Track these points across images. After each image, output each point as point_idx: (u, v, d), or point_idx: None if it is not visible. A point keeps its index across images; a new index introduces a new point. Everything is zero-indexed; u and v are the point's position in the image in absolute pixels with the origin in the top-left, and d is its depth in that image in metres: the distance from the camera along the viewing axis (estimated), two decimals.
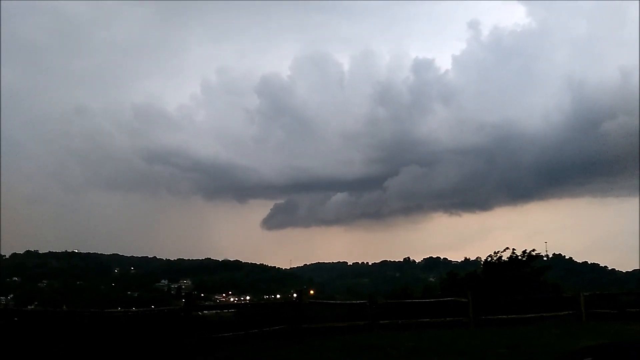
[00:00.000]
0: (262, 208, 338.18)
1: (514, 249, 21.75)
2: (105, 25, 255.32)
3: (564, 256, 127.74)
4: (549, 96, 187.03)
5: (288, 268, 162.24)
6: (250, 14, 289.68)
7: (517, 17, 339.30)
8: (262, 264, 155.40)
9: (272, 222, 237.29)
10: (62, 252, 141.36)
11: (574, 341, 11.83)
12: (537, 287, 20.78)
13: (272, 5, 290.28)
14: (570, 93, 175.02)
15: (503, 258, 21.74)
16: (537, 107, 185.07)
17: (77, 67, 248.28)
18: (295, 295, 15.57)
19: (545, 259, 32.36)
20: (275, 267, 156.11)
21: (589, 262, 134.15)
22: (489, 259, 22.08)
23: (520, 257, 21.50)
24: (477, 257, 26.55)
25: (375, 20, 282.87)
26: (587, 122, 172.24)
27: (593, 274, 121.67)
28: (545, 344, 12.04)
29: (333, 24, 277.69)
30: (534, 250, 21.70)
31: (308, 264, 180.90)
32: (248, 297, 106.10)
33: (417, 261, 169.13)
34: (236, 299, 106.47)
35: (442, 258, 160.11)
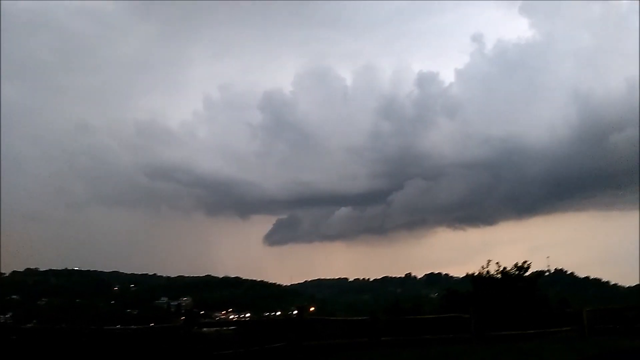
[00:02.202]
0: (264, 224, 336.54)
1: (504, 267, 21.73)
2: (108, 43, 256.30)
3: (566, 271, 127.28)
4: (554, 109, 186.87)
5: (288, 284, 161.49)
6: (251, 30, 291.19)
7: (520, 30, 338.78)
8: (263, 280, 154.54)
9: (274, 237, 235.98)
10: (63, 270, 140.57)
11: (578, 356, 11.72)
12: (539, 302, 20.66)
13: (274, 21, 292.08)
14: (576, 105, 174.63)
15: (491, 273, 21.71)
16: (543, 120, 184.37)
17: (79, 84, 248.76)
18: (295, 312, 15.45)
19: (546, 274, 32.25)
20: (275, 283, 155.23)
21: (591, 277, 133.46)
22: (479, 273, 22.05)
23: (511, 272, 21.45)
24: (479, 272, 26.67)
25: (378, 34, 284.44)
26: (594, 134, 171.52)
27: (595, 289, 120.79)
28: None
29: (335, 38, 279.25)
30: (525, 262, 21.67)
31: (309, 280, 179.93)
32: (248, 314, 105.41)
33: (418, 277, 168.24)
34: (236, 316, 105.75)
35: (443, 274, 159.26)
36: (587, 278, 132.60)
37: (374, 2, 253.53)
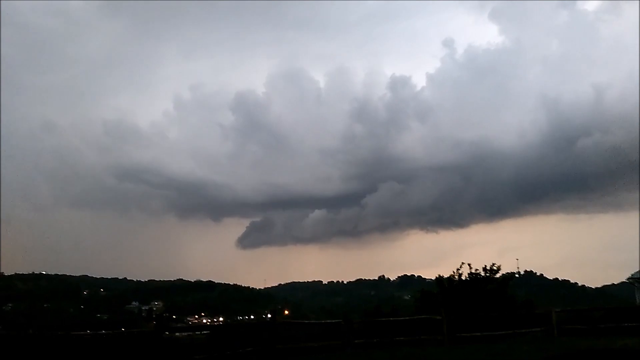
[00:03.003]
0: (237, 226, 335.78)
1: (471, 268, 22.08)
2: (75, 40, 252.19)
3: (535, 273, 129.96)
4: (524, 113, 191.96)
5: (262, 288, 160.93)
6: (224, 29, 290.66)
7: (490, 36, 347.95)
8: (236, 284, 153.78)
9: (248, 240, 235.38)
10: (29, 274, 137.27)
11: (545, 356, 11.96)
12: (507, 303, 21.01)
13: (246, 21, 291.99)
14: (545, 110, 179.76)
15: (463, 276, 22.03)
16: (513, 125, 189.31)
17: (45, 83, 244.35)
18: (269, 315, 15.40)
19: (517, 275, 32.86)
20: (249, 287, 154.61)
21: (560, 279, 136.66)
22: (451, 275, 22.36)
23: (482, 274, 21.79)
24: (450, 275, 27.04)
25: (350, 37, 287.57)
26: (562, 139, 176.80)
27: (564, 290, 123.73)
28: None
29: (308, 40, 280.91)
30: (493, 265, 22.05)
31: (282, 283, 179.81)
32: (221, 318, 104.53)
33: (391, 279, 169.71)
34: (209, 320, 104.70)
35: (416, 276, 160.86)
36: (556, 279, 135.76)
37: (346, 4, 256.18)
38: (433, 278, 24.86)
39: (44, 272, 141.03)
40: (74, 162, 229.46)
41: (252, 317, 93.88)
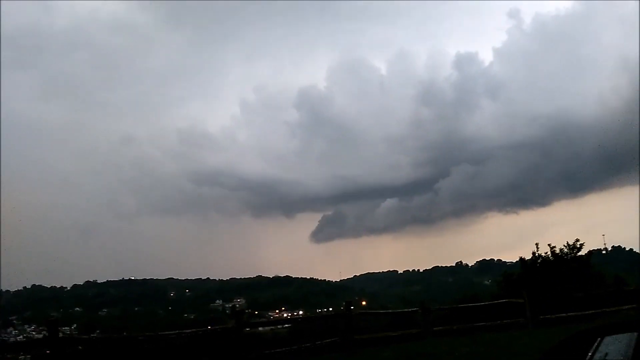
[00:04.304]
0: (310, 221, 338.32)
1: (553, 246, 21.16)
2: (142, 55, 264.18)
3: (624, 247, 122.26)
4: (602, 80, 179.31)
5: (338, 280, 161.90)
6: (280, 28, 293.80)
7: (558, 1, 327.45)
8: (312, 277, 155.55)
9: (321, 234, 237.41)
10: (120, 280, 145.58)
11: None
12: (595, 281, 20.01)
13: (302, 16, 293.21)
14: (627, 74, 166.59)
15: (543, 255, 21.13)
16: (592, 93, 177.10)
17: (119, 98, 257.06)
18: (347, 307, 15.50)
19: (603, 252, 31.22)
20: (325, 280, 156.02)
21: None
22: (532, 256, 21.53)
23: (564, 254, 20.83)
24: (530, 256, 25.91)
25: (408, 20, 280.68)
26: None
27: None
28: None
29: (365, 28, 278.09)
30: (577, 241, 21.03)
31: (358, 274, 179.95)
32: (301, 312, 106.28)
33: (470, 265, 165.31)
34: (289, 314, 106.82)
35: (495, 260, 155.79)
36: None
37: None
38: (514, 261, 24.14)
39: (133, 278, 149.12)
40: (153, 171, 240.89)
41: (330, 309, 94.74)
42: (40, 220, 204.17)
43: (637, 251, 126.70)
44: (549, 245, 21.32)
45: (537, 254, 21.44)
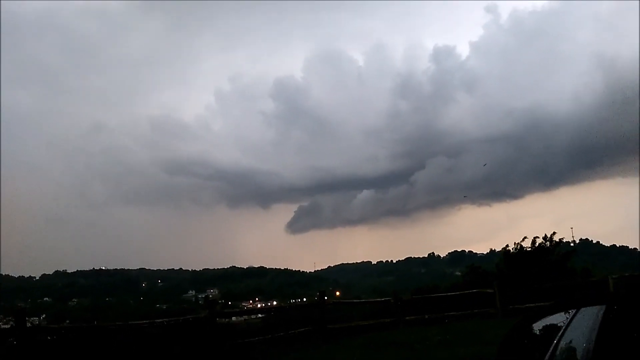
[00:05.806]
0: (285, 212, 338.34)
1: (535, 237, 21.60)
2: (115, 41, 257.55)
3: (591, 240, 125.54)
4: (577, 76, 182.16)
5: (312, 271, 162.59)
6: (257, 18, 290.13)
7: None
8: (287, 268, 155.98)
9: (296, 225, 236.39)
10: (90, 270, 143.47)
11: None
12: (565, 274, 20.51)
13: (279, 7, 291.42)
14: (601, 71, 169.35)
15: (525, 247, 21.56)
16: (567, 89, 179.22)
17: (91, 85, 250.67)
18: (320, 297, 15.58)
19: (571, 245, 32.00)
20: (299, 270, 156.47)
21: (618, 245, 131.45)
22: (510, 249, 21.93)
23: (543, 245, 21.30)
24: (502, 248, 26.41)
25: (387, 12, 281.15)
26: (621, 99, 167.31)
27: (623, 257, 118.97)
28: None
29: (343, 20, 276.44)
30: (554, 233, 21.53)
31: (332, 265, 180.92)
32: (275, 302, 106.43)
33: (442, 256, 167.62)
34: (263, 304, 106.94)
35: (467, 251, 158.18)
36: (614, 246, 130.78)
37: None
38: (485, 252, 24.55)
39: (104, 268, 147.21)
40: (125, 160, 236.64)
41: (304, 300, 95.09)
42: (7, 208, 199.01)
43: (604, 244, 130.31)
44: (526, 237, 21.72)
45: (514, 246, 21.81)
